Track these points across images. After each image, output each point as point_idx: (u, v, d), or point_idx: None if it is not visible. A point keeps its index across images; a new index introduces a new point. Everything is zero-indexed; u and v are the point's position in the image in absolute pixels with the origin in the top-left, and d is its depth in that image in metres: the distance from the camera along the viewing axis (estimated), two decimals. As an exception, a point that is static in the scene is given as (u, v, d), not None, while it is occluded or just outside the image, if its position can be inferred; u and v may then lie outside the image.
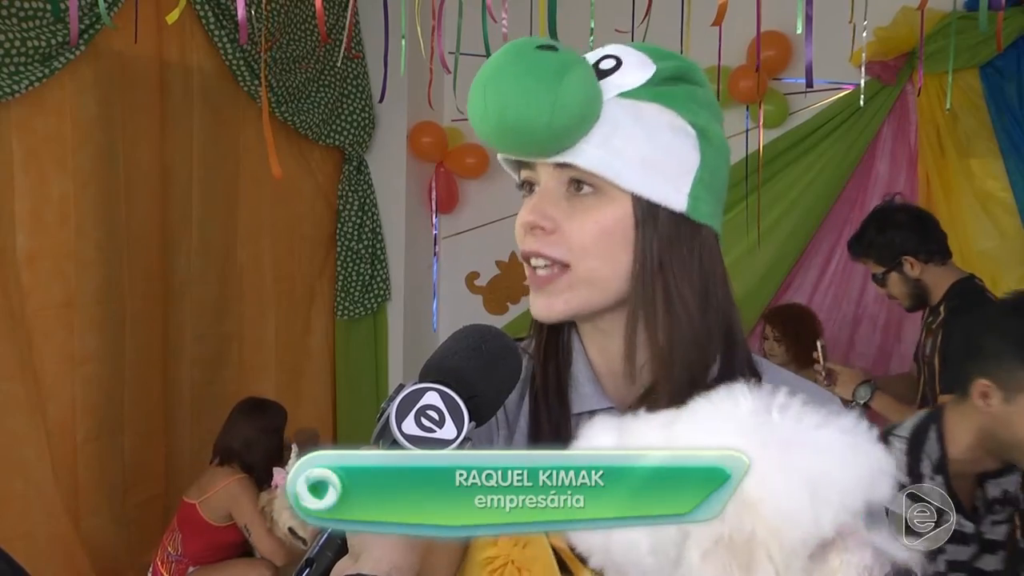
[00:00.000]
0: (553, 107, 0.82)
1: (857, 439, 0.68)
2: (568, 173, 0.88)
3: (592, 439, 0.76)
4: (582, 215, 0.88)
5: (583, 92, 0.84)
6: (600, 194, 0.88)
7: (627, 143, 0.86)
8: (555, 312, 0.91)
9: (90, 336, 3.36)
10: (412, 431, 0.76)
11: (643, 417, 0.74)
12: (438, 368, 0.80)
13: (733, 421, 0.69)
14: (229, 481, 3.19)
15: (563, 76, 0.83)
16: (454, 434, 0.76)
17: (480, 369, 0.80)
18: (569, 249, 0.88)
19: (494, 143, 0.87)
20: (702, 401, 0.72)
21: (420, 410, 0.76)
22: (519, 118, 0.83)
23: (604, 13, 2.91)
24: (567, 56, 0.85)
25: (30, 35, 3.02)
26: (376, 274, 4.57)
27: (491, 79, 0.84)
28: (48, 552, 3.15)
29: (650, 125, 0.87)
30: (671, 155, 0.88)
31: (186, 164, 3.77)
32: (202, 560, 3.22)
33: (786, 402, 0.69)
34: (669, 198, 0.88)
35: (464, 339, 0.82)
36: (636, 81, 0.89)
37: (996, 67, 3.66)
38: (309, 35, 4.19)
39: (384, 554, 0.73)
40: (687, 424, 0.71)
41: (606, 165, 0.86)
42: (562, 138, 0.85)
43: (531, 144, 0.86)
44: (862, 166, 3.96)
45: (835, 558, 0.66)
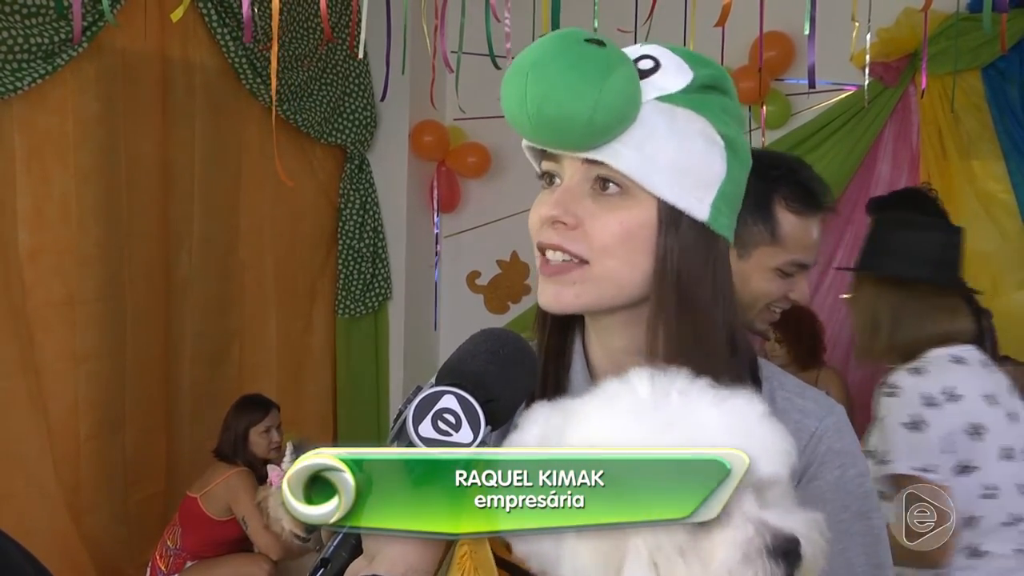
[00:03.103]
0: (596, 104, 0.81)
1: (745, 419, 0.69)
2: (597, 171, 0.87)
3: (531, 414, 0.78)
4: (606, 214, 0.87)
5: (626, 92, 0.84)
6: (626, 195, 0.87)
7: (660, 148, 0.86)
8: (563, 303, 0.90)
9: (91, 333, 3.37)
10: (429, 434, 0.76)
11: (539, 408, 0.76)
12: (456, 371, 0.80)
13: (621, 403, 0.70)
14: (228, 474, 3.23)
15: (609, 74, 0.82)
16: (470, 438, 0.76)
17: (498, 374, 0.80)
18: (590, 247, 0.87)
19: (528, 133, 0.86)
20: (599, 388, 0.74)
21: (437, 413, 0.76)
22: (560, 111, 0.82)
23: (607, 13, 2.91)
24: (614, 53, 0.84)
25: (33, 32, 3.03)
26: (377, 273, 4.57)
27: (535, 67, 0.83)
28: (49, 549, 3.14)
29: (683, 132, 0.87)
30: (700, 164, 0.88)
31: (188, 161, 3.77)
32: (201, 555, 3.23)
33: (685, 386, 0.70)
34: (693, 207, 0.87)
35: (483, 343, 0.82)
36: (674, 86, 0.88)
37: (999, 69, 3.66)
38: (311, 33, 4.19)
39: (400, 555, 0.72)
40: (585, 403, 0.73)
41: (638, 168, 0.85)
42: (599, 136, 0.84)
43: (566, 138, 0.85)
44: (864, 167, 3.96)
45: (717, 534, 0.66)
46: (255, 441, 3.30)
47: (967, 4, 3.56)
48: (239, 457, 3.29)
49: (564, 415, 0.73)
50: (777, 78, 3.99)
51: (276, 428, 3.38)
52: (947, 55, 3.50)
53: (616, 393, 0.72)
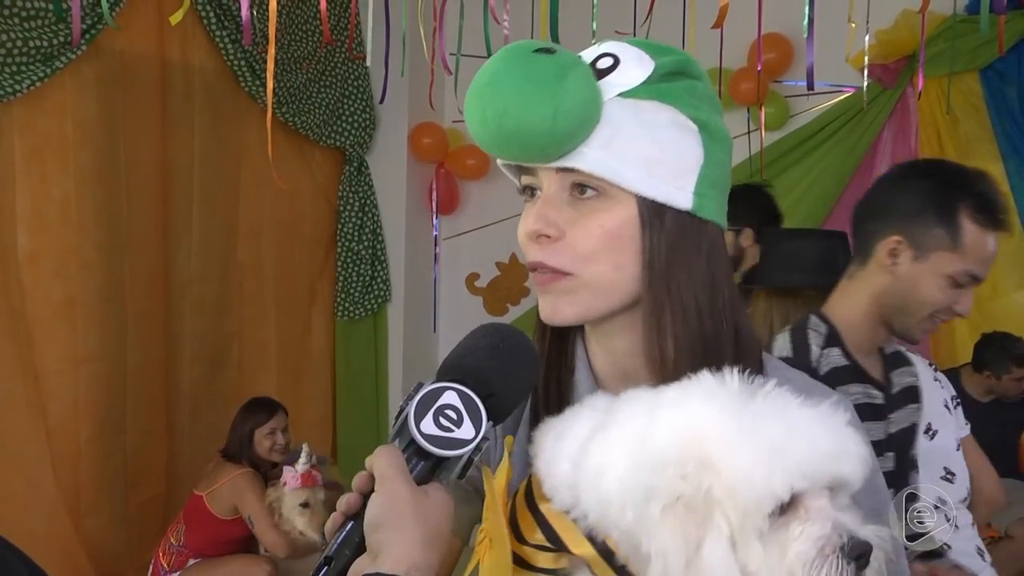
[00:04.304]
0: (555, 112, 0.81)
1: (830, 421, 0.72)
2: (571, 177, 0.87)
3: (589, 401, 0.82)
4: (586, 220, 0.87)
5: (584, 95, 0.83)
6: (604, 197, 0.86)
7: (629, 144, 0.85)
8: (562, 315, 0.89)
9: (91, 335, 3.37)
10: (430, 430, 0.76)
11: (631, 394, 0.79)
12: (457, 367, 0.80)
13: (712, 393, 0.73)
14: (235, 474, 3.24)
15: (563, 80, 0.81)
16: (472, 434, 0.77)
17: (499, 369, 0.80)
18: (574, 257, 0.87)
19: (494, 150, 0.86)
20: (693, 379, 0.77)
21: (439, 409, 0.77)
22: (519, 124, 0.81)
23: (606, 15, 2.91)
24: (565, 58, 0.83)
25: (32, 35, 3.03)
26: (376, 275, 4.57)
27: (488, 85, 0.83)
28: (48, 552, 3.14)
29: (651, 124, 0.86)
30: (674, 153, 0.86)
31: (187, 164, 3.77)
32: (204, 553, 3.24)
33: (771, 388, 0.73)
34: (674, 197, 0.86)
35: (483, 338, 0.82)
36: (635, 80, 0.87)
37: (997, 70, 3.67)
38: (310, 36, 4.19)
39: (403, 552, 0.72)
40: (674, 392, 0.76)
41: (609, 168, 0.84)
42: (564, 143, 0.83)
43: (532, 150, 0.84)
44: (862, 168, 3.96)
45: (796, 527, 0.69)
46: (259, 442, 3.32)
47: (965, 6, 3.56)
48: (244, 457, 3.30)
49: (650, 405, 0.76)
50: (776, 80, 3.99)
51: (281, 431, 3.38)
52: (945, 57, 3.51)
53: (709, 386, 0.75)
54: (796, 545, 0.68)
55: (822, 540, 0.69)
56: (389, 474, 0.75)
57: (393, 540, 0.73)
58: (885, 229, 1.61)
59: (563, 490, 0.77)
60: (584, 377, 0.95)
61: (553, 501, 0.78)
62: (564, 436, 0.80)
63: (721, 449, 0.69)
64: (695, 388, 0.75)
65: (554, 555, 0.78)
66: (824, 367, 1.59)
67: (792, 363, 1.46)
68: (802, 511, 0.69)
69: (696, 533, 0.68)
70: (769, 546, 0.69)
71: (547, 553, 0.78)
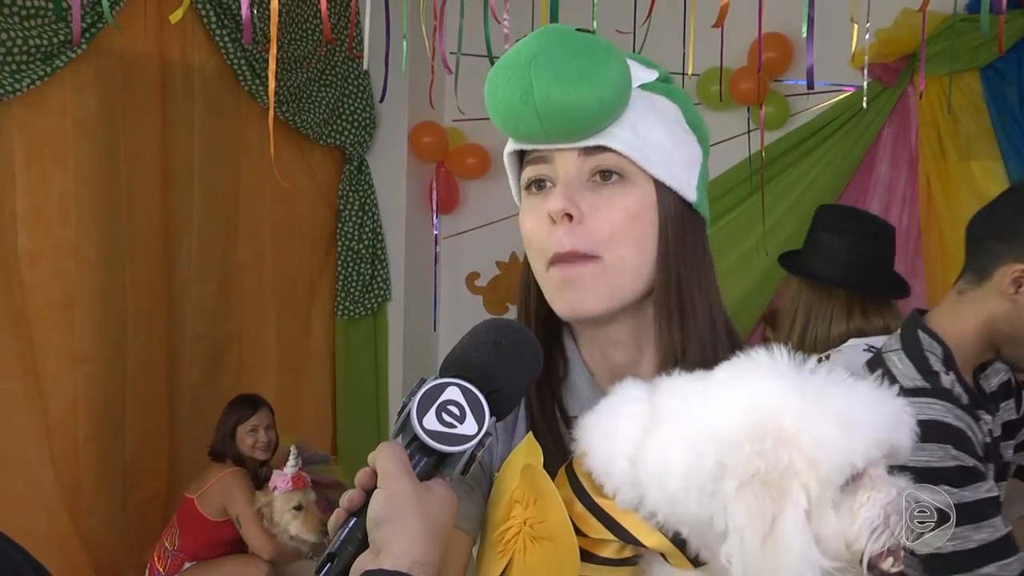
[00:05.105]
0: (605, 84, 0.83)
1: (879, 392, 0.75)
2: (595, 161, 0.88)
3: (624, 392, 0.83)
4: (608, 203, 0.88)
5: (625, 72, 0.86)
6: (626, 181, 0.88)
7: (650, 132, 0.88)
8: (586, 309, 0.89)
9: (91, 335, 3.37)
10: (433, 426, 0.76)
11: (675, 376, 0.81)
12: (459, 363, 0.80)
13: (771, 370, 0.75)
14: (223, 474, 3.24)
15: (610, 56, 0.84)
16: (475, 429, 0.77)
17: (501, 364, 0.80)
18: (600, 240, 0.87)
19: (532, 124, 0.85)
20: (741, 356, 0.78)
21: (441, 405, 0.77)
22: (570, 94, 0.82)
23: (606, 14, 2.91)
24: (606, 40, 0.87)
25: (32, 34, 3.03)
26: (376, 274, 4.57)
27: (538, 56, 0.83)
28: (48, 551, 3.14)
29: (665, 117, 0.90)
30: (683, 148, 0.90)
31: (187, 163, 3.77)
32: (198, 556, 3.23)
33: (815, 364, 0.76)
34: (684, 188, 0.90)
35: (485, 333, 0.82)
36: (648, 77, 0.91)
37: (997, 70, 3.66)
38: (310, 35, 4.19)
39: (405, 549, 0.72)
40: (727, 373, 0.77)
41: (637, 149, 0.87)
42: (607, 116, 0.85)
43: (575, 123, 0.84)
44: (863, 168, 3.96)
45: (863, 493, 0.72)
46: (241, 439, 3.31)
47: (965, 5, 3.56)
48: (228, 455, 3.30)
49: (700, 389, 0.77)
50: (776, 79, 3.99)
51: (265, 428, 3.37)
52: (946, 56, 3.50)
53: (767, 363, 0.77)
54: (864, 511, 0.72)
55: (890, 505, 0.72)
56: (392, 470, 0.75)
57: (396, 536, 0.73)
58: (1009, 255, 1.52)
59: (626, 489, 0.78)
60: (579, 372, 0.96)
61: (617, 500, 0.78)
62: (615, 435, 0.80)
63: (799, 423, 0.71)
64: (750, 366, 0.77)
65: (619, 545, 0.79)
66: (956, 394, 1.52)
67: (927, 393, 1.45)
68: (867, 479, 0.72)
69: (772, 508, 0.70)
70: (842, 513, 0.72)
71: (612, 544, 0.79)
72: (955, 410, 1.45)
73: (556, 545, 0.78)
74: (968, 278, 1.59)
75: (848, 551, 0.71)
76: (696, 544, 0.75)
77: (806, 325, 2.29)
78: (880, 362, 1.60)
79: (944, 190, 3.76)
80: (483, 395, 0.78)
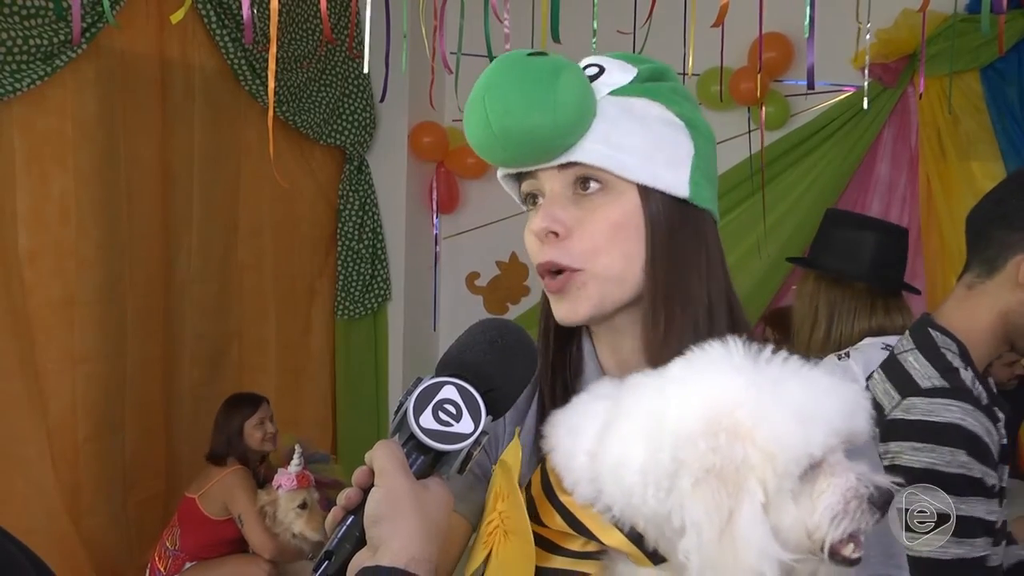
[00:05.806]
0: (555, 105, 0.84)
1: (835, 379, 0.75)
2: (573, 173, 0.89)
3: (595, 390, 0.84)
4: (591, 215, 0.89)
5: (580, 88, 0.86)
6: (607, 190, 0.89)
7: (625, 136, 0.88)
8: (579, 314, 0.91)
9: (91, 334, 3.37)
10: (430, 425, 0.77)
11: (635, 379, 0.81)
12: (456, 362, 0.81)
13: (726, 363, 0.75)
14: (225, 473, 3.24)
15: (558, 75, 0.85)
16: (471, 428, 0.78)
17: (497, 363, 0.81)
18: (583, 253, 0.89)
19: (498, 154, 0.89)
20: (696, 350, 0.78)
21: (438, 404, 0.77)
22: (522, 121, 0.84)
23: (606, 15, 2.91)
24: (557, 59, 0.87)
25: (32, 33, 3.03)
26: (376, 274, 4.57)
27: (488, 89, 0.86)
28: (48, 551, 3.10)
29: (643, 118, 0.90)
30: (667, 145, 0.90)
31: (187, 163, 3.77)
32: (199, 555, 3.24)
33: (771, 354, 0.76)
34: (672, 186, 0.90)
35: (481, 333, 0.83)
36: (622, 80, 0.91)
37: (997, 70, 3.67)
38: (310, 35, 4.19)
39: (403, 546, 0.73)
40: (681, 368, 0.77)
41: (610, 159, 0.88)
42: (566, 136, 0.86)
43: (536, 147, 0.86)
44: (863, 168, 3.97)
45: (823, 481, 0.72)
46: (250, 434, 3.32)
47: (965, 5, 3.56)
48: (234, 454, 3.30)
49: (657, 385, 0.77)
50: (776, 79, 3.99)
51: (269, 419, 3.40)
52: (946, 56, 3.51)
53: (721, 357, 0.76)
54: (824, 498, 0.71)
55: (850, 491, 0.72)
56: (388, 468, 0.76)
57: (392, 534, 0.74)
58: (1022, 243, 1.47)
59: (584, 484, 0.78)
60: (594, 375, 0.97)
61: (575, 495, 0.79)
62: (578, 431, 0.81)
63: (753, 417, 0.71)
64: (704, 360, 0.77)
65: (583, 539, 0.80)
66: (976, 394, 1.49)
67: (946, 393, 1.42)
68: (825, 466, 0.72)
69: (729, 503, 0.70)
70: (802, 503, 0.72)
71: (577, 538, 0.81)
72: (974, 412, 1.42)
73: (522, 540, 0.81)
74: (976, 271, 1.54)
75: (810, 540, 0.71)
76: (654, 538, 0.76)
77: (830, 323, 2.27)
78: (895, 364, 1.57)
79: (944, 190, 3.77)
80: (479, 394, 0.78)
